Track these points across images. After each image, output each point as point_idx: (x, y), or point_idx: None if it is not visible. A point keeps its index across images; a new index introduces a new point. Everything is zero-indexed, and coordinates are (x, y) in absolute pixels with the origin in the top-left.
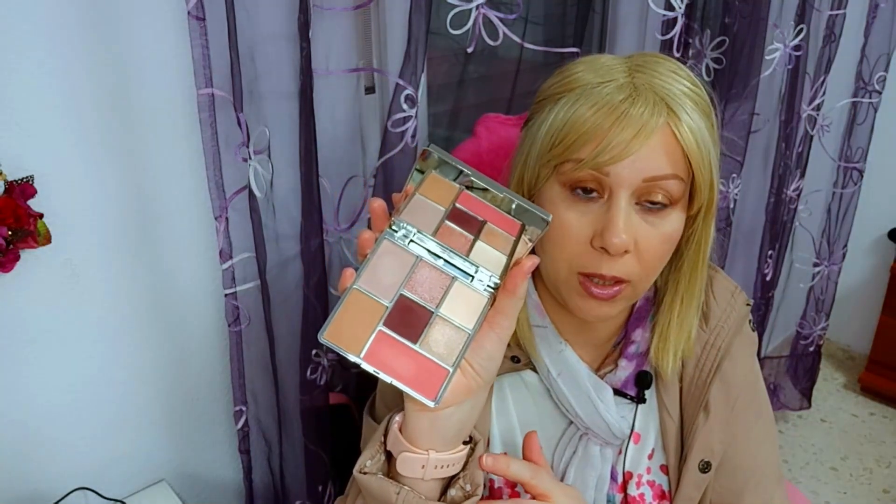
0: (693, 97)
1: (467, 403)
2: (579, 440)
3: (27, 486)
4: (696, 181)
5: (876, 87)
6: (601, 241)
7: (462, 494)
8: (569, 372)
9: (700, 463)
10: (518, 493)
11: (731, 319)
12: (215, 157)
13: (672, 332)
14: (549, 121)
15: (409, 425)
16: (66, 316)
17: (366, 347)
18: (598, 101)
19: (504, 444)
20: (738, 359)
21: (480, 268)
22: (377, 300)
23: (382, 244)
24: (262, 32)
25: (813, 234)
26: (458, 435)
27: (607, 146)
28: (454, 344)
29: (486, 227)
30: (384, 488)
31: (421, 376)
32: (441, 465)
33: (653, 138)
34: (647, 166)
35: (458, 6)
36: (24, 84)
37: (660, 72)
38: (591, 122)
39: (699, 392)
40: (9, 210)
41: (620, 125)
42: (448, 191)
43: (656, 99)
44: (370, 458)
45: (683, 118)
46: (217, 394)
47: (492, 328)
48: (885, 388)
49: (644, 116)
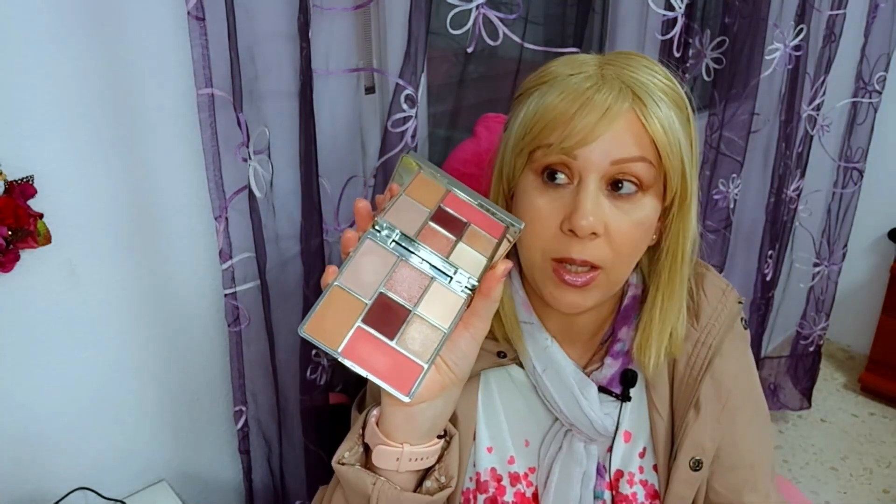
0: (664, 89)
1: (441, 399)
2: (564, 436)
3: (27, 486)
4: (665, 167)
5: (876, 87)
6: (569, 223)
7: (437, 486)
8: (554, 368)
9: (691, 461)
10: (505, 487)
11: (723, 317)
12: (215, 157)
13: (654, 330)
14: (522, 113)
15: (384, 419)
16: (66, 316)
17: (344, 342)
18: (565, 89)
19: (491, 438)
20: (729, 356)
21: (459, 269)
22: (357, 297)
23: (365, 243)
24: (261, 32)
25: (813, 234)
26: (431, 429)
27: (574, 129)
28: (430, 342)
29: (470, 229)
30: (361, 479)
31: (396, 372)
32: (415, 457)
33: (619, 122)
34: (614, 149)
35: (458, 6)
36: (23, 84)
37: (631, 65)
38: (559, 108)
39: (690, 390)
40: (9, 210)
41: (585, 110)
42: (434, 192)
43: (622, 86)
44: (348, 449)
45: (649, 104)
46: (217, 394)
47: (466, 328)
48: (885, 388)
49: (608, 101)
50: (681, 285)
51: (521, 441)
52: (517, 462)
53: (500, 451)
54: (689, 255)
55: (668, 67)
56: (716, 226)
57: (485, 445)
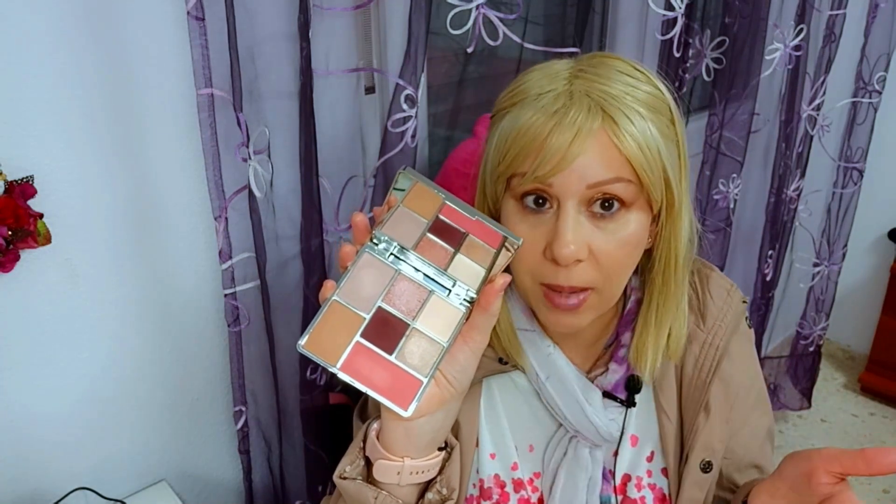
0: (640, 97)
1: (441, 413)
2: (569, 442)
3: (27, 487)
4: (643, 183)
5: (876, 87)
6: (551, 252)
7: (438, 498)
8: (557, 375)
9: (701, 462)
10: (508, 493)
11: (729, 318)
12: (215, 157)
13: (650, 334)
14: (497, 136)
15: (384, 433)
16: (66, 316)
17: (343, 358)
18: (535, 111)
19: (494, 444)
20: (736, 357)
21: (458, 282)
22: (356, 312)
23: (363, 257)
24: (262, 32)
25: (813, 234)
26: (431, 442)
27: (546, 157)
28: (429, 356)
29: (468, 240)
30: (362, 493)
31: (396, 387)
32: (416, 471)
33: (590, 143)
34: (588, 173)
35: (458, 6)
36: (24, 84)
37: (600, 74)
38: (530, 134)
39: (699, 393)
40: (9, 210)
41: (555, 133)
42: (432, 202)
43: (591, 104)
44: (349, 463)
45: (621, 121)
46: (217, 394)
47: (466, 342)
48: (885, 388)
49: (578, 121)
50: (676, 288)
51: (525, 447)
52: (521, 468)
53: (504, 457)
54: (683, 258)
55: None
56: (716, 226)
57: (488, 452)
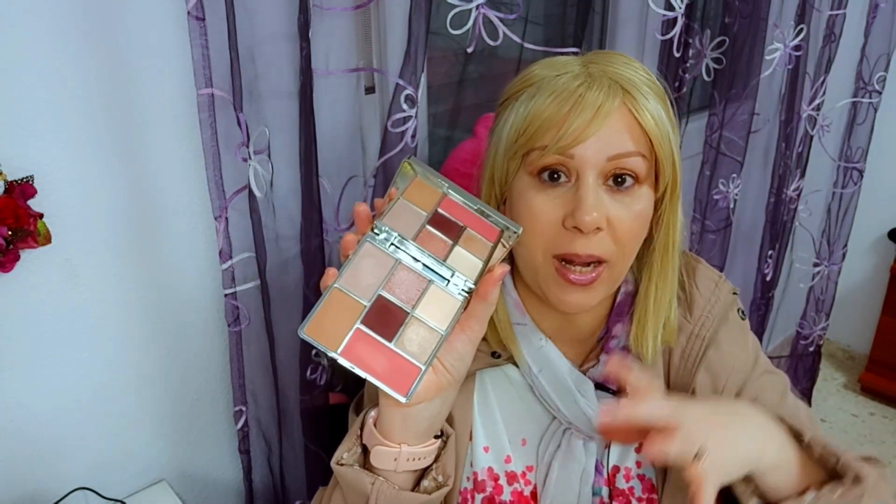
0: (647, 83)
1: (438, 400)
2: (563, 434)
3: (27, 486)
4: (658, 158)
5: (876, 87)
6: (573, 220)
7: (434, 485)
8: (549, 368)
9: None
10: (502, 486)
11: (716, 309)
12: (215, 157)
13: (649, 320)
14: (512, 118)
15: (382, 420)
16: (66, 316)
17: (343, 344)
18: (555, 90)
19: (487, 438)
20: (724, 347)
21: (456, 272)
22: (356, 299)
23: (364, 246)
24: (262, 32)
25: (813, 234)
26: (429, 429)
27: (568, 129)
28: (427, 344)
29: (466, 233)
30: (360, 479)
31: (394, 373)
32: (413, 457)
33: (612, 118)
34: (610, 145)
35: (458, 6)
36: (24, 84)
37: (612, 61)
38: (551, 109)
39: (685, 382)
40: (9, 210)
41: (578, 108)
42: (431, 195)
43: (611, 83)
44: (347, 450)
45: (639, 98)
46: (217, 394)
47: (463, 331)
48: (885, 388)
49: (600, 98)
50: (672, 274)
51: (518, 440)
52: (514, 461)
53: (497, 450)
54: (678, 244)
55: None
56: (716, 226)
57: (481, 445)
